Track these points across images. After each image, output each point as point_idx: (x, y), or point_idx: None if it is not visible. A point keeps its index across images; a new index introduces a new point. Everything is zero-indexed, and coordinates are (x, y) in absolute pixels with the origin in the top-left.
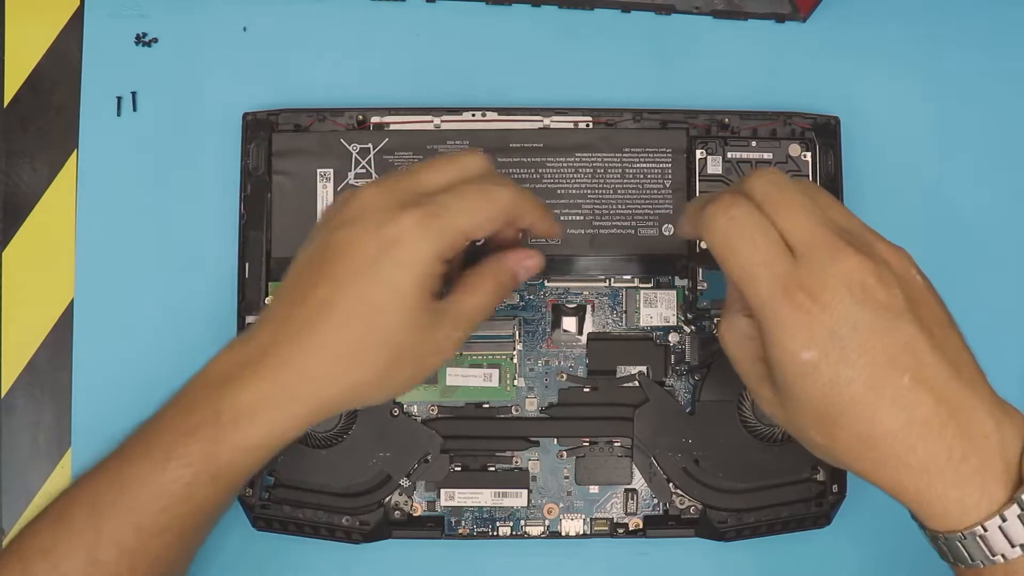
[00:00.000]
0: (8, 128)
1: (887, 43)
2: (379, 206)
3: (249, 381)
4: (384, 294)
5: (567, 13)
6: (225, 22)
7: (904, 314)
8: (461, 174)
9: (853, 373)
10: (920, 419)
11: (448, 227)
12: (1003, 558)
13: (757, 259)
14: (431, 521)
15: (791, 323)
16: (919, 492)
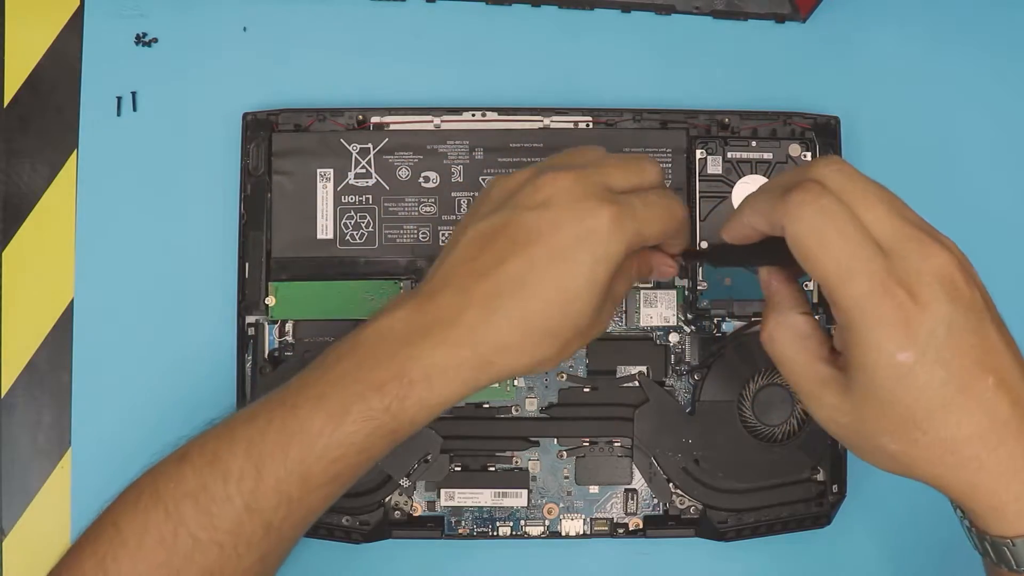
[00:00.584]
0: (8, 128)
1: (887, 43)
2: (576, 195)
3: (441, 343)
4: (579, 283)
5: (567, 13)
6: (225, 22)
7: (985, 313)
8: (643, 180)
9: (946, 375)
10: (1002, 420)
11: (636, 230)
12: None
13: (852, 254)
14: (431, 521)
15: (890, 322)
16: (995, 494)
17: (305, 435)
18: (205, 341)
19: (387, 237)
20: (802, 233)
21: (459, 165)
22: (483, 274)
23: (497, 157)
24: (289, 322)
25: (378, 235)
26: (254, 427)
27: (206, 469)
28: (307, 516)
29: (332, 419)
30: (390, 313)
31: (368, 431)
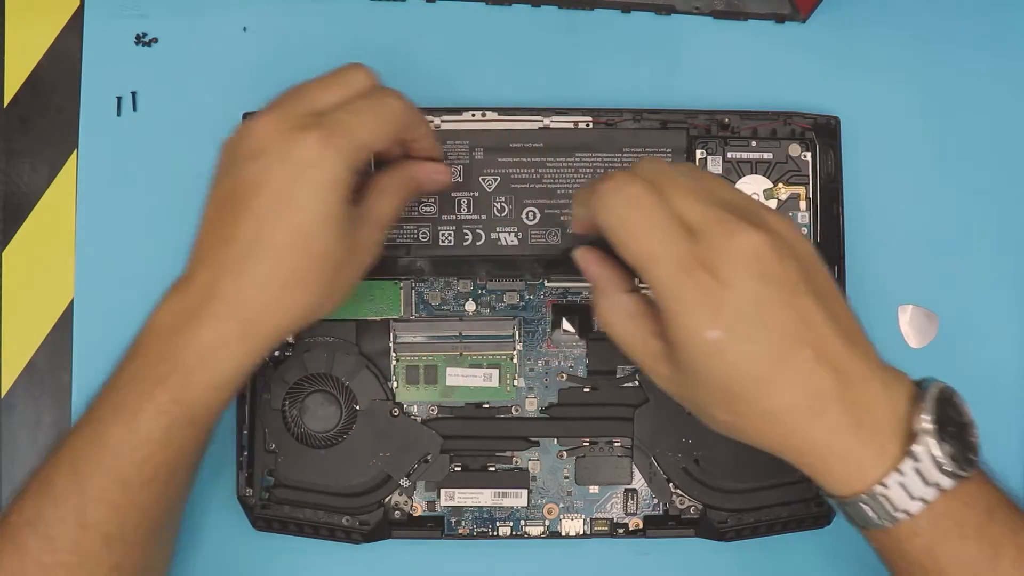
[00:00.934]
0: (8, 128)
1: (887, 43)
2: (278, 133)
3: (205, 322)
4: (310, 218)
5: (567, 13)
6: (225, 22)
7: (800, 286)
8: (349, 89)
9: (757, 349)
10: (822, 391)
11: (351, 142)
12: (906, 514)
13: (657, 238)
14: (431, 521)
15: (695, 302)
16: (823, 459)
17: (110, 443)
18: None
19: (387, 237)
20: (611, 221)
21: (459, 165)
22: (225, 241)
23: (497, 157)
24: None
25: None
26: (71, 446)
27: (39, 494)
28: (146, 518)
29: (128, 423)
30: (159, 307)
31: (164, 425)
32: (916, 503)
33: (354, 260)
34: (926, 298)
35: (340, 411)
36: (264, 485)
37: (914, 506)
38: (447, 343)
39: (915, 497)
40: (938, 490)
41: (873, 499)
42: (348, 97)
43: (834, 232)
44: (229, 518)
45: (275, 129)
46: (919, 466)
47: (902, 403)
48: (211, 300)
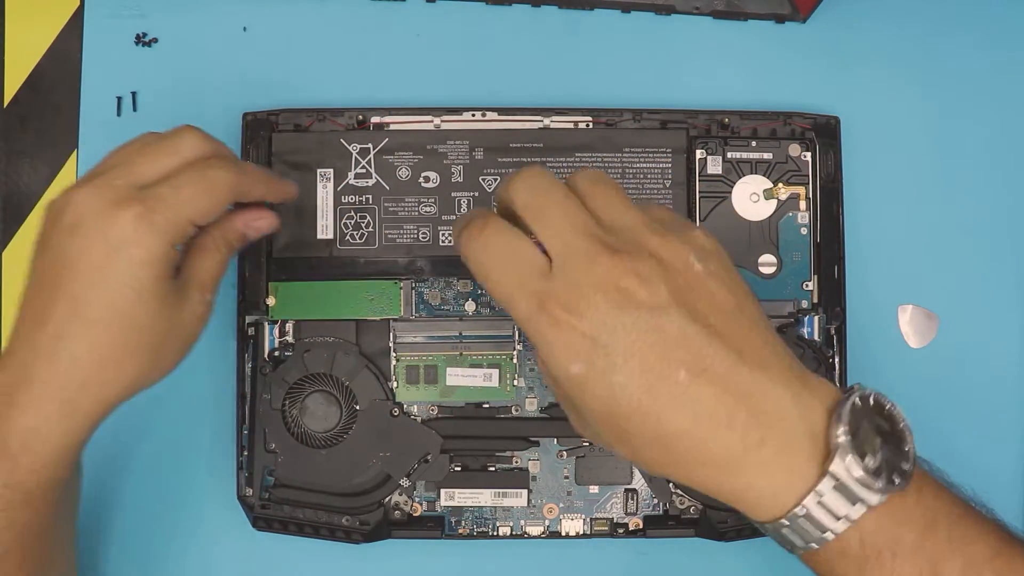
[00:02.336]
0: (8, 128)
1: (887, 43)
2: (96, 208)
3: (24, 407)
4: (126, 295)
5: (567, 13)
6: (225, 22)
7: (670, 309)
8: (177, 158)
9: (624, 379)
10: (706, 412)
11: (171, 219)
12: (832, 533)
13: (510, 281)
14: (431, 521)
15: (552, 339)
16: (724, 486)
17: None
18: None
19: (387, 237)
20: (471, 267)
21: (459, 165)
22: (41, 321)
23: (497, 157)
24: (289, 322)
25: (378, 235)
26: None
27: None
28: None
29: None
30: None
31: (2, 508)
32: (841, 523)
33: (181, 328)
34: (926, 298)
35: (340, 411)
36: (264, 485)
37: (839, 526)
38: (447, 343)
39: (839, 516)
40: (864, 507)
41: (793, 522)
42: (174, 168)
43: (834, 232)
44: (229, 518)
45: (94, 203)
46: (839, 484)
47: (817, 417)
48: (28, 383)
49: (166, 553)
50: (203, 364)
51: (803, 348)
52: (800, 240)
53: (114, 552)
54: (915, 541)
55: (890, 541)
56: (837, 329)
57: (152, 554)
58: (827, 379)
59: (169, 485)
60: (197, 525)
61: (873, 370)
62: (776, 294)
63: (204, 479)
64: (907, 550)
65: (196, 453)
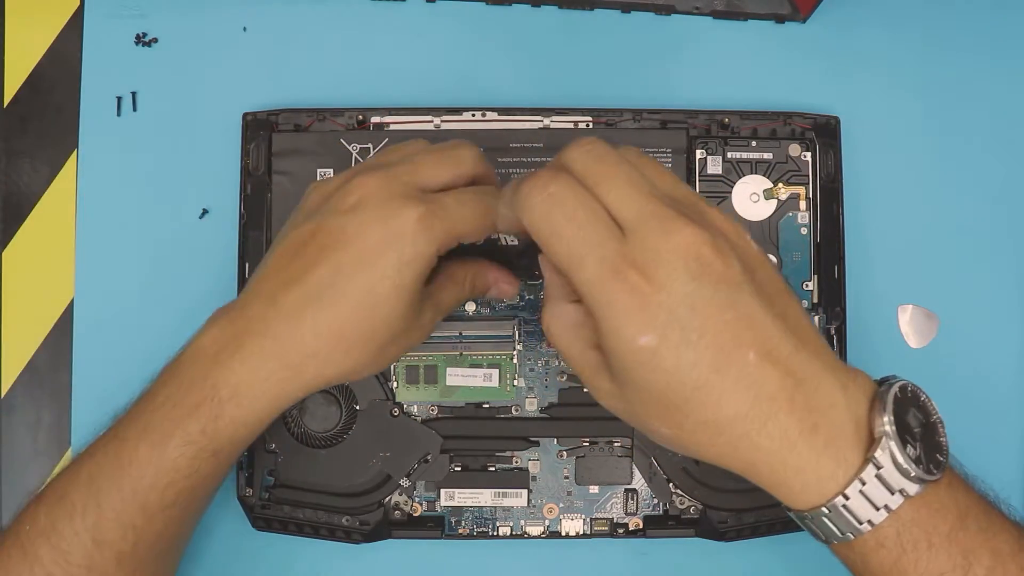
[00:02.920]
0: (8, 128)
1: (887, 43)
2: (382, 197)
3: (248, 357)
4: (388, 287)
5: (567, 13)
6: (225, 22)
7: (744, 286)
8: (459, 171)
9: (696, 355)
10: (768, 395)
11: (448, 230)
12: (870, 524)
13: (582, 239)
14: (431, 521)
15: (624, 307)
16: (775, 472)
17: (134, 466)
18: None
19: None
20: (533, 223)
21: None
22: (292, 282)
23: (497, 157)
24: None
25: None
26: (93, 462)
27: (56, 507)
28: (159, 541)
29: (156, 448)
30: (204, 331)
31: (191, 455)
32: (880, 513)
33: (408, 335)
34: (926, 298)
35: (340, 411)
36: (264, 485)
37: (878, 516)
38: (447, 343)
39: (879, 506)
40: (903, 497)
41: (834, 511)
42: (455, 181)
43: (834, 232)
44: (229, 518)
45: (381, 192)
46: (881, 473)
47: (861, 405)
48: (260, 336)
49: None
50: None
51: None
52: (800, 240)
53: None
54: (949, 532)
55: (926, 532)
56: (837, 329)
57: None
58: None
59: None
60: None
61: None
62: None
63: None
64: (942, 540)
65: None
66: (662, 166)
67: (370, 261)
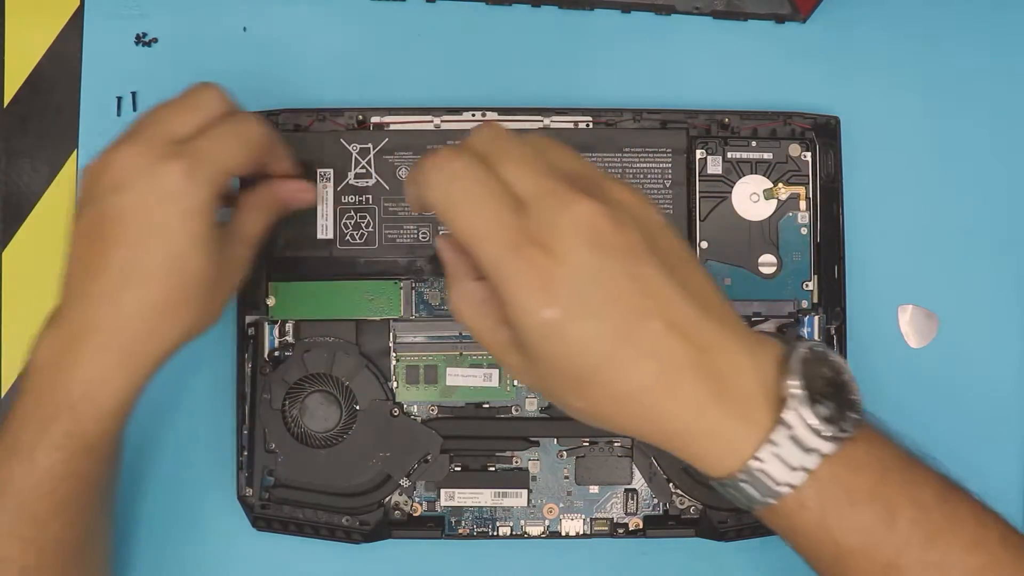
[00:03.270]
0: (8, 128)
1: (887, 43)
2: (141, 164)
3: (85, 357)
4: (185, 243)
5: (567, 13)
6: (225, 22)
7: (645, 256)
8: (206, 113)
9: (600, 326)
10: (674, 364)
11: (214, 169)
12: (789, 487)
13: (482, 215)
14: (431, 521)
15: (527, 281)
16: (688, 440)
17: (11, 483)
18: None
19: (387, 237)
20: (435, 200)
21: None
22: (98, 273)
23: None
24: (289, 322)
25: (378, 235)
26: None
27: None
28: (63, 547)
29: (25, 462)
30: (37, 345)
31: (64, 459)
32: (798, 473)
33: (226, 278)
34: (926, 298)
35: (340, 411)
36: (264, 485)
37: (796, 477)
38: (447, 343)
39: (795, 467)
40: (819, 456)
41: (751, 475)
42: (206, 122)
43: (834, 232)
44: (229, 518)
45: (138, 159)
46: (793, 433)
47: (769, 369)
48: (88, 333)
49: (166, 553)
50: (203, 364)
51: None
52: (800, 240)
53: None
54: (871, 488)
55: (847, 489)
56: (837, 329)
57: (152, 554)
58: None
59: (169, 485)
60: (197, 525)
61: (873, 370)
62: (776, 294)
63: (204, 479)
64: (864, 496)
65: (196, 453)
66: (566, 148)
67: (158, 228)
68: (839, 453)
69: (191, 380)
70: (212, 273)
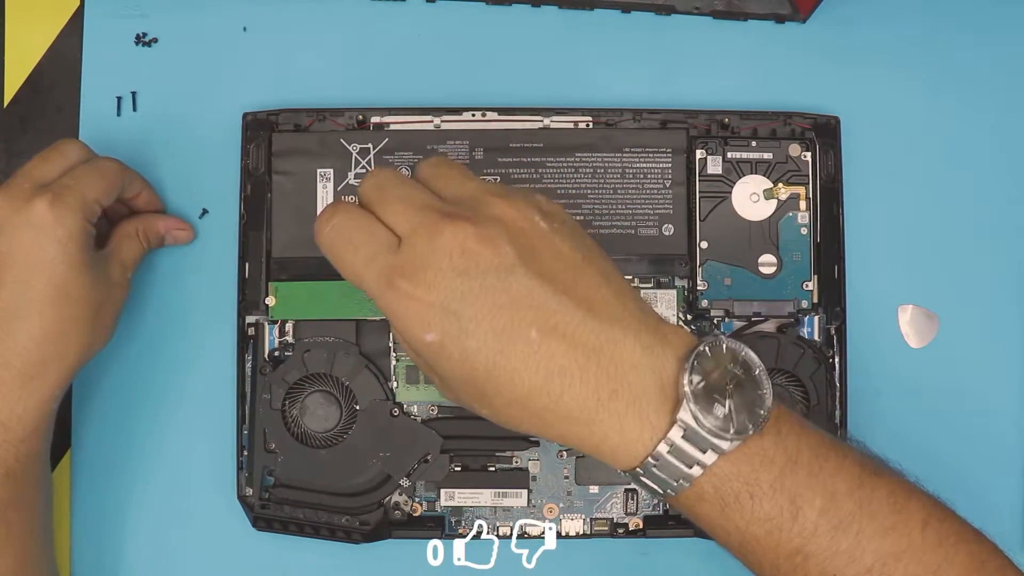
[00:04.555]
0: (8, 128)
1: (887, 43)
2: (12, 207)
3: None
4: (64, 271)
5: (567, 13)
6: (225, 22)
7: (517, 268)
8: (67, 160)
9: (478, 342)
10: (558, 368)
11: (79, 200)
12: (686, 481)
13: (360, 259)
14: (431, 521)
15: (402, 311)
16: (584, 439)
17: None
18: (205, 341)
19: None
20: (325, 253)
21: None
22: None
23: (497, 157)
24: (289, 322)
25: None
26: None
27: None
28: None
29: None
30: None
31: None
32: (694, 469)
33: (110, 297)
34: (926, 298)
35: (340, 411)
36: (264, 485)
37: (692, 473)
38: None
39: (691, 464)
40: (715, 453)
41: (648, 471)
42: (67, 167)
43: (834, 232)
44: (229, 518)
45: (8, 204)
46: (688, 433)
47: (668, 366)
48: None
49: (166, 553)
50: (203, 364)
51: (803, 348)
52: (800, 240)
53: (114, 551)
54: (774, 481)
55: (747, 483)
56: (837, 329)
57: (152, 554)
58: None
59: (169, 485)
60: (197, 525)
61: (873, 370)
62: (776, 294)
63: (204, 479)
64: (765, 490)
65: (196, 453)
66: (455, 169)
67: (36, 262)
68: (742, 448)
69: (191, 380)
70: (94, 295)
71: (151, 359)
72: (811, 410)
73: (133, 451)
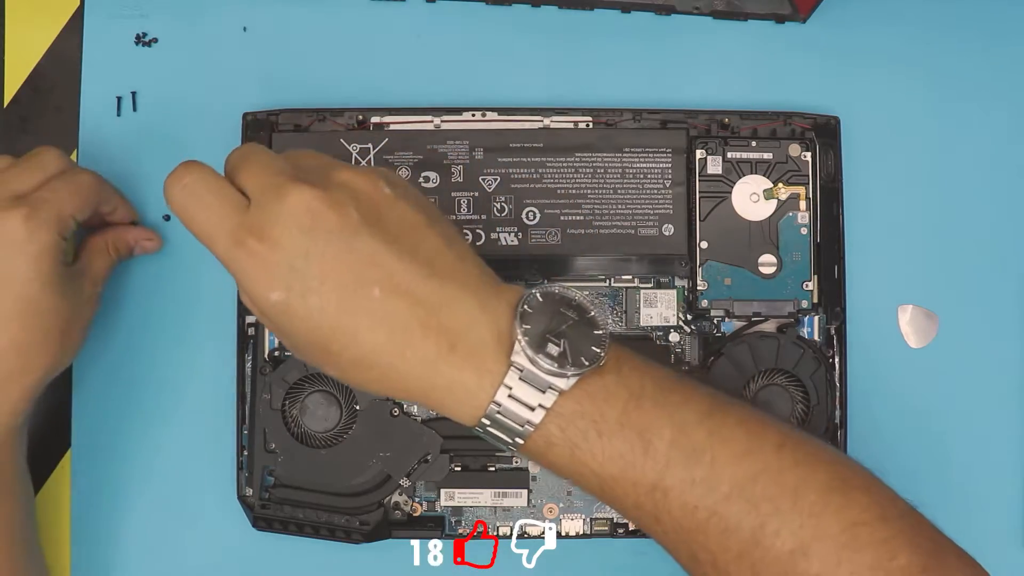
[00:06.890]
0: (8, 128)
1: (887, 43)
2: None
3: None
4: (36, 287)
5: (567, 13)
6: (225, 22)
7: (361, 229)
8: (45, 171)
9: (322, 300)
10: (400, 325)
11: (54, 215)
12: (530, 425)
13: (210, 219)
14: (431, 521)
15: (250, 269)
16: (429, 395)
17: None
18: (205, 341)
19: None
20: (175, 211)
21: (459, 165)
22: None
23: (497, 157)
24: None
25: None
26: None
27: None
28: None
29: None
30: None
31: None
32: (537, 412)
33: (79, 315)
34: (926, 298)
35: (340, 411)
36: (264, 485)
37: (535, 415)
38: None
39: (533, 407)
40: (555, 393)
41: (493, 420)
42: (45, 178)
43: (834, 232)
44: (229, 518)
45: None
46: (525, 376)
47: (503, 318)
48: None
49: (166, 553)
50: (203, 364)
51: (803, 348)
52: (800, 240)
53: (114, 551)
54: (619, 416)
55: (593, 421)
56: (837, 329)
57: (152, 554)
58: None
59: (169, 485)
60: (197, 525)
61: (873, 370)
62: (776, 294)
63: (204, 479)
64: (612, 426)
65: (196, 453)
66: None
67: (6, 277)
68: (581, 387)
69: (191, 380)
70: (65, 310)
71: (151, 359)
72: (811, 410)
73: (133, 451)
